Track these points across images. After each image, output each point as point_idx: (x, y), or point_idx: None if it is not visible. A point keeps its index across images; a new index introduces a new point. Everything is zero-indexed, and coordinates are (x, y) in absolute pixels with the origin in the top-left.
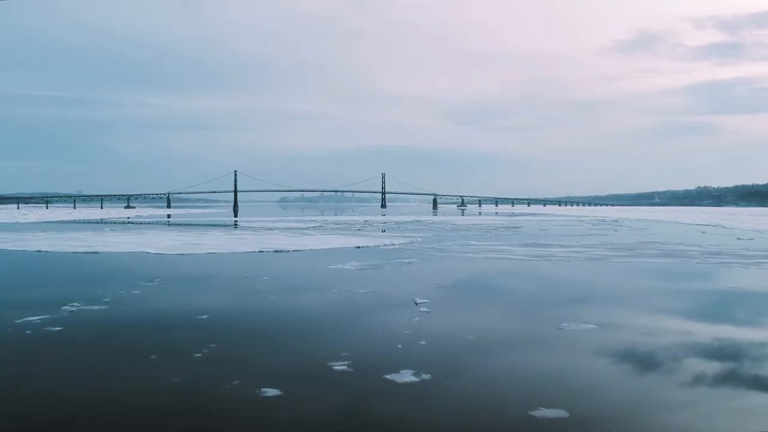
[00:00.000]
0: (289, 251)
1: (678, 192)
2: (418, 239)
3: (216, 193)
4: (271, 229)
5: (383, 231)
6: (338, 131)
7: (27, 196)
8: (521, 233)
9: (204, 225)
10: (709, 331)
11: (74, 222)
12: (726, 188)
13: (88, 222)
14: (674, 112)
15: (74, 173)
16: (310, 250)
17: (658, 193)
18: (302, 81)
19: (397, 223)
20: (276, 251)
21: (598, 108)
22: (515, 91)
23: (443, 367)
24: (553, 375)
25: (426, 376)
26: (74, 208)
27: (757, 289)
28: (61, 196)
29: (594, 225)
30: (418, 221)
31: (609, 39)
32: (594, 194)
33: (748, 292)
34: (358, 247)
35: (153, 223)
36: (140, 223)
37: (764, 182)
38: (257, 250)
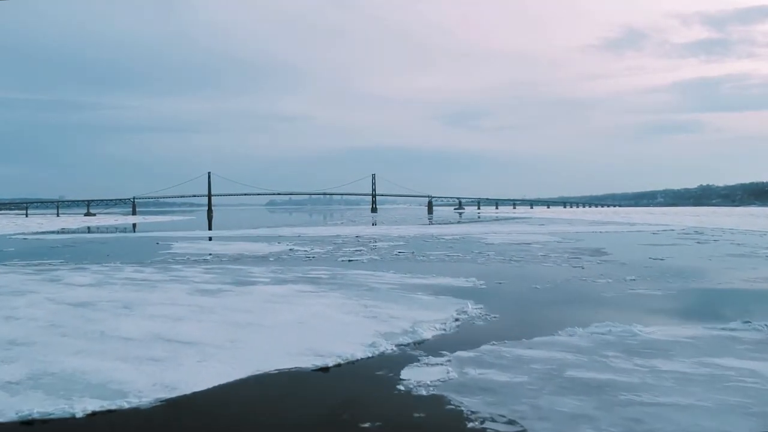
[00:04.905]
0: None
1: (680, 191)
2: (473, 308)
3: (198, 197)
4: (196, 262)
5: (383, 264)
6: (324, 133)
7: (7, 201)
8: (648, 270)
9: (113, 243)
10: None
11: None
12: (732, 186)
13: None
14: (663, 110)
15: (52, 177)
16: None
17: (660, 192)
18: (286, 82)
19: (402, 239)
20: None
21: (586, 106)
22: (502, 90)
23: None
24: None
25: None
26: (26, 216)
27: None
28: (6, 203)
29: (697, 240)
30: (429, 237)
31: (595, 36)
32: (590, 194)
33: None
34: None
35: (46, 243)
36: (35, 240)
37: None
38: None
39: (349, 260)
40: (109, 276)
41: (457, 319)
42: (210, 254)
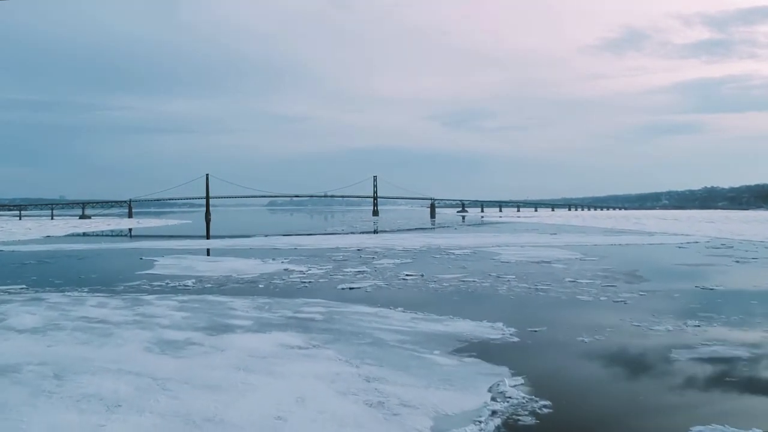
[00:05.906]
0: None
1: (684, 192)
2: (512, 386)
3: (197, 199)
4: (173, 290)
5: (388, 293)
6: (325, 133)
7: (6, 202)
8: (706, 308)
9: (93, 258)
10: None
11: None
12: (738, 188)
13: None
14: (664, 111)
15: (52, 178)
16: None
17: (664, 194)
18: (287, 83)
19: (408, 254)
20: None
21: (586, 107)
22: (502, 91)
23: None
24: None
25: None
26: (19, 219)
27: None
28: (5, 204)
29: (734, 258)
30: (437, 251)
31: (596, 37)
32: (592, 195)
33: None
34: None
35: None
36: None
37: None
38: None
39: (350, 288)
40: (63, 313)
41: (494, 412)
42: (193, 277)
